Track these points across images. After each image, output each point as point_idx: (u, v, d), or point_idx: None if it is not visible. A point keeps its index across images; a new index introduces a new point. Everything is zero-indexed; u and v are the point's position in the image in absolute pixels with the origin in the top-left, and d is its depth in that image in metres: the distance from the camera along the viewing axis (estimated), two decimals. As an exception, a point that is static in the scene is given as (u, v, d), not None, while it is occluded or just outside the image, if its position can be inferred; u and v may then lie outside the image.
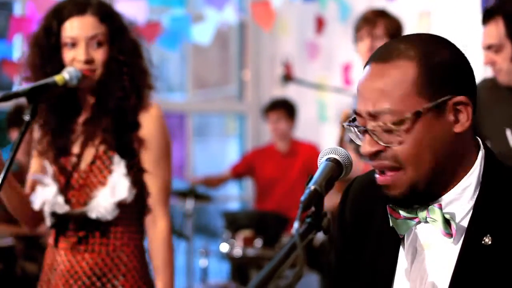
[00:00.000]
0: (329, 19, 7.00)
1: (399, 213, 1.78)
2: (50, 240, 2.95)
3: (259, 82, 8.24)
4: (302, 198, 1.61)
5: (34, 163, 2.98)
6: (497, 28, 3.20)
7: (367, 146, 1.74)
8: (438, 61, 1.70)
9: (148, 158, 2.87)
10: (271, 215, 5.90)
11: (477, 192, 1.74)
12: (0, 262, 4.60)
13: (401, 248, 1.83)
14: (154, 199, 2.89)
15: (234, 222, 5.78)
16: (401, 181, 1.73)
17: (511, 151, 3.24)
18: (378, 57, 1.74)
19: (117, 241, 2.87)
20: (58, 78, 2.71)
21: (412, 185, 1.72)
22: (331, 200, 3.92)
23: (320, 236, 5.69)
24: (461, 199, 1.75)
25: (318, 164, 1.79)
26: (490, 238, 1.70)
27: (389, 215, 1.80)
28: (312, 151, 6.48)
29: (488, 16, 3.25)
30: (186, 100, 8.28)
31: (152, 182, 2.88)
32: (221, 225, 6.11)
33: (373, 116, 1.71)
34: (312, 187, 1.64)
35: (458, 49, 1.75)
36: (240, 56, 8.42)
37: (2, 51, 6.22)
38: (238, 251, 5.54)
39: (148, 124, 2.87)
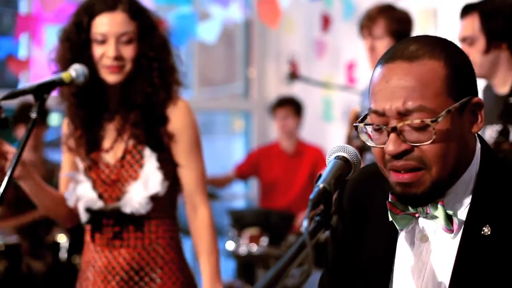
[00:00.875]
0: (335, 17, 6.99)
1: (398, 209, 1.79)
2: (87, 237, 2.97)
3: (265, 80, 8.23)
4: (311, 196, 1.61)
5: (65, 160, 3.00)
6: (473, 22, 3.39)
7: (393, 146, 1.70)
8: (460, 62, 1.75)
9: (180, 151, 2.89)
10: (277, 213, 5.89)
11: (473, 185, 1.76)
12: (6, 259, 4.61)
13: (399, 240, 1.84)
14: (191, 190, 2.92)
15: (240, 220, 5.77)
16: (425, 180, 1.72)
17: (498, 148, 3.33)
18: (401, 56, 1.73)
19: (152, 235, 2.89)
20: (64, 76, 2.71)
21: (435, 184, 1.71)
22: None
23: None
24: (459, 193, 1.77)
25: (327, 162, 1.78)
26: (489, 228, 1.71)
27: (388, 211, 1.80)
28: (318, 153, 6.47)
29: (466, 11, 3.46)
30: (192, 98, 8.27)
31: (188, 174, 2.91)
32: (227, 223, 6.11)
33: (403, 114, 1.69)
34: (321, 185, 1.64)
35: (461, 50, 1.80)
36: (246, 54, 8.41)
37: (8, 48, 6.22)
38: (244, 249, 5.54)
39: (177, 118, 2.90)
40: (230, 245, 5.63)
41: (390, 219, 1.79)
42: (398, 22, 4.31)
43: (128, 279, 2.87)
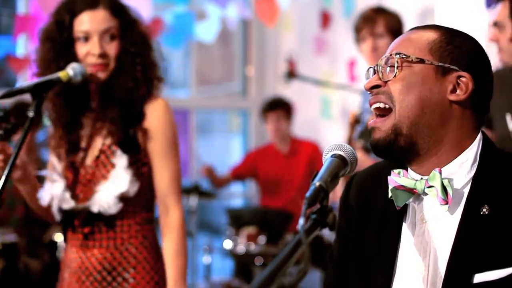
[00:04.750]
0: (334, 15, 6.99)
1: (398, 183, 1.87)
2: (63, 238, 2.97)
3: (263, 79, 8.23)
4: (307, 194, 1.61)
5: (50, 160, 2.98)
6: (504, 8, 3.35)
7: (369, 81, 1.91)
8: (458, 41, 1.89)
9: (155, 150, 2.88)
10: (275, 212, 5.89)
11: (475, 168, 1.86)
12: (3, 258, 4.60)
13: (403, 225, 1.92)
14: (164, 190, 2.90)
15: (238, 219, 5.77)
16: (388, 123, 1.87)
17: (510, 135, 3.34)
18: (411, 29, 1.97)
19: (124, 234, 2.88)
20: (62, 74, 2.71)
21: (395, 128, 1.85)
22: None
23: (328, 233, 5.70)
24: (458, 172, 1.86)
25: (323, 161, 1.79)
26: (487, 208, 1.80)
27: (388, 185, 1.89)
28: (314, 149, 6.46)
29: None
30: (190, 97, 8.27)
31: (162, 173, 2.89)
32: (225, 222, 6.11)
33: (388, 58, 1.90)
34: (317, 184, 1.65)
35: (480, 45, 1.94)
36: (244, 52, 8.41)
37: (6, 47, 6.22)
38: (241, 248, 5.54)
39: (155, 116, 2.88)
40: (228, 244, 5.63)
41: (390, 195, 1.88)
42: (395, 20, 4.35)
43: (101, 279, 2.86)
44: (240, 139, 8.79)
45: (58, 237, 5.01)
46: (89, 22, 2.81)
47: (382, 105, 1.88)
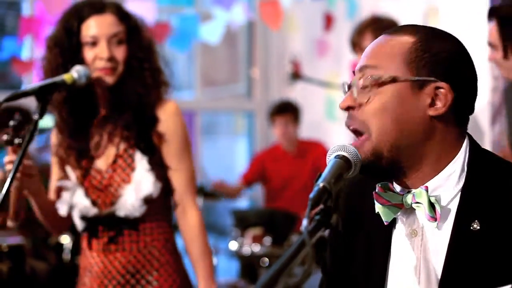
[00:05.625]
0: (337, 17, 6.99)
1: (385, 199, 1.81)
2: (83, 244, 2.98)
3: (268, 81, 8.24)
4: (311, 195, 1.61)
5: (55, 170, 2.99)
6: (495, 27, 3.32)
7: (343, 101, 1.80)
8: (436, 47, 1.76)
9: (170, 153, 2.90)
10: (280, 213, 5.89)
11: (463, 179, 1.78)
12: (9, 260, 4.61)
13: (393, 238, 1.86)
14: (181, 192, 2.92)
15: (243, 220, 5.77)
16: (366, 146, 1.77)
17: None
18: (387, 31, 1.84)
19: (147, 237, 2.90)
20: (66, 77, 2.72)
21: (375, 152, 1.76)
22: None
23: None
24: (445, 185, 1.78)
25: (327, 161, 1.79)
26: (478, 223, 1.73)
27: (374, 201, 1.82)
28: (320, 149, 6.46)
29: (489, 15, 3.37)
30: (195, 99, 8.28)
31: (178, 176, 2.91)
32: (230, 223, 6.11)
33: (360, 71, 1.81)
34: (321, 184, 1.64)
35: (462, 46, 1.81)
36: (249, 54, 8.42)
37: (12, 49, 6.24)
38: (247, 249, 5.54)
39: (166, 120, 2.90)
40: (233, 245, 5.63)
41: (377, 210, 1.82)
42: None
43: (125, 282, 2.88)
44: (245, 141, 8.80)
45: (65, 239, 5.02)
46: (96, 26, 2.82)
47: (356, 127, 1.80)
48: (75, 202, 2.89)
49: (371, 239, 1.88)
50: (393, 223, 1.85)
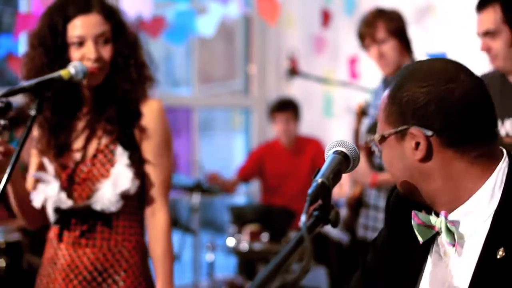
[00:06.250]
0: (335, 12, 6.99)
1: (420, 219, 1.84)
2: (51, 235, 2.96)
3: (265, 77, 8.23)
4: (310, 191, 1.61)
5: (34, 162, 2.97)
6: (495, 13, 3.23)
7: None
8: (399, 95, 1.80)
9: (150, 150, 2.88)
10: (278, 209, 5.89)
11: (496, 203, 1.77)
12: (7, 256, 4.61)
13: (429, 256, 1.88)
14: (155, 191, 2.90)
15: (241, 216, 5.77)
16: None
17: (502, 141, 3.24)
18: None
19: (118, 236, 2.88)
20: (64, 73, 2.70)
21: (403, 194, 1.90)
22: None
23: (335, 232, 5.70)
24: (475, 212, 1.78)
25: (326, 157, 1.79)
26: (503, 250, 1.72)
27: (412, 220, 1.85)
28: (318, 146, 6.46)
29: (484, 3, 3.29)
30: (192, 95, 8.27)
31: (154, 174, 2.90)
32: (228, 220, 6.11)
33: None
34: (320, 180, 1.64)
35: (439, 87, 1.77)
36: (246, 50, 8.41)
37: (8, 46, 6.22)
38: (244, 246, 5.54)
39: (149, 116, 2.89)
40: (231, 242, 5.63)
41: (415, 229, 1.86)
42: (396, 21, 4.31)
43: (91, 279, 2.85)
44: (242, 137, 8.79)
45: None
46: (83, 27, 2.80)
47: None
48: (50, 194, 2.86)
49: (410, 253, 1.91)
50: (432, 241, 1.88)
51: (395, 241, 1.96)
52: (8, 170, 2.49)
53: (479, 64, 4.59)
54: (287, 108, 6.54)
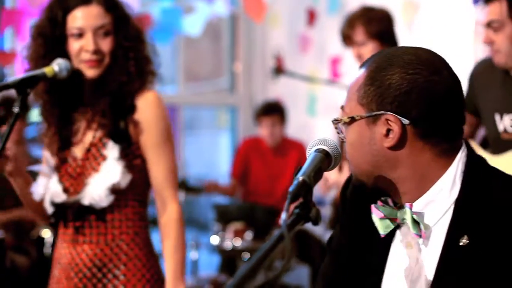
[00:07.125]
0: (320, 12, 7.00)
1: (380, 212, 1.83)
2: (59, 235, 2.94)
3: (251, 75, 8.24)
4: (290, 188, 1.61)
5: (44, 156, 2.96)
6: (501, 6, 3.19)
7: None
8: (383, 76, 1.77)
9: (148, 144, 2.85)
10: (262, 208, 5.89)
11: (456, 193, 1.79)
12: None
13: (392, 245, 1.87)
14: (160, 184, 2.87)
15: (225, 215, 5.78)
16: (352, 174, 1.89)
17: (499, 136, 3.25)
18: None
19: (115, 230, 2.85)
20: (47, 70, 2.70)
21: (357, 179, 1.87)
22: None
23: (319, 230, 5.71)
24: (437, 200, 1.79)
25: (307, 155, 1.79)
26: (467, 238, 1.73)
27: (372, 214, 1.84)
28: (303, 150, 6.44)
29: None
30: (177, 93, 8.27)
31: (156, 169, 2.86)
32: (212, 218, 6.11)
33: (341, 110, 1.88)
34: (301, 178, 1.65)
35: (424, 77, 1.76)
36: (232, 48, 8.41)
37: (-8, 42, 6.20)
38: (228, 244, 5.55)
39: (145, 109, 2.86)
40: (214, 240, 5.63)
41: (374, 222, 1.84)
42: (377, 23, 4.22)
43: (91, 276, 2.84)
44: (228, 135, 8.79)
45: (46, 233, 5.00)
46: (83, 18, 2.79)
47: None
48: (48, 187, 2.85)
49: (371, 246, 1.89)
50: (393, 233, 1.87)
51: (353, 237, 1.94)
52: None
53: (463, 61, 4.61)
54: (273, 112, 6.49)
